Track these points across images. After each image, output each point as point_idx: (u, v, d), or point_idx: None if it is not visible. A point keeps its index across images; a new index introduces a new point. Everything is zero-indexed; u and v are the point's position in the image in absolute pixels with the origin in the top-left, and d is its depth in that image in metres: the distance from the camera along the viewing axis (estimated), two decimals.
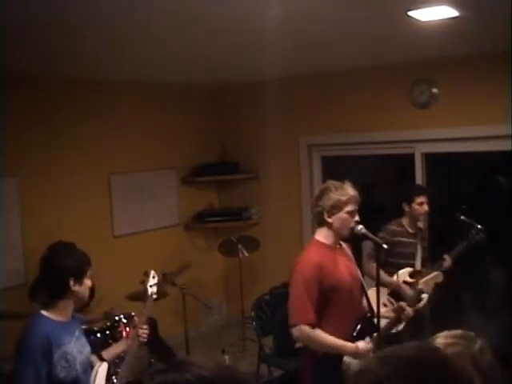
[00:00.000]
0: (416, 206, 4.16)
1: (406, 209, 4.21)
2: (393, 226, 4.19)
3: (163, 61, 4.52)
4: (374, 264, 3.51)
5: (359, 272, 3.09)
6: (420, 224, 4.28)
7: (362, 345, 2.84)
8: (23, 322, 2.87)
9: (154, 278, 3.21)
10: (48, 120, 4.89)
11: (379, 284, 2.94)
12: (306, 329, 2.80)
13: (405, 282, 4.02)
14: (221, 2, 2.81)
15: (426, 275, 4.06)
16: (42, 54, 3.96)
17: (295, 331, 2.83)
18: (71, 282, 2.59)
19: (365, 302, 3.06)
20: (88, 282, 2.69)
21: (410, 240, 4.18)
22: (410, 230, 4.20)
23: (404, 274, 4.04)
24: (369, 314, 3.03)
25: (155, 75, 5.27)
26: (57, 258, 2.65)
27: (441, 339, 1.27)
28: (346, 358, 2.84)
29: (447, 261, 4.09)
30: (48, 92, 4.89)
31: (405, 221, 4.23)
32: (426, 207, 4.17)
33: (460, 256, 4.11)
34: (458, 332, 1.29)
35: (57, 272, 2.61)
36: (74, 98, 5.08)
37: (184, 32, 3.47)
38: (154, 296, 3.15)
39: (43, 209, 4.83)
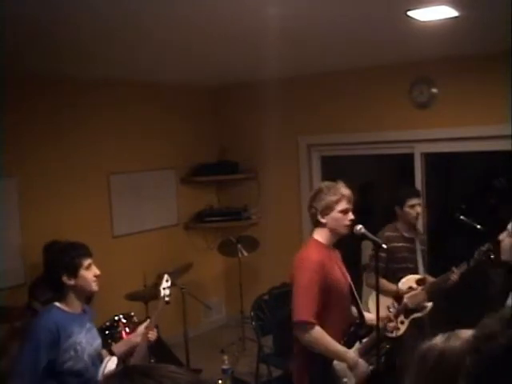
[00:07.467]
0: (408, 209, 4.02)
1: (399, 212, 4.07)
2: (387, 232, 4.03)
3: (163, 61, 4.51)
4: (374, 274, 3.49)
5: (349, 277, 3.08)
6: (416, 227, 4.16)
7: (362, 363, 2.82)
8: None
9: (167, 281, 3.23)
10: (48, 120, 4.89)
11: (379, 285, 2.93)
12: (317, 331, 2.76)
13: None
14: (221, 2, 2.82)
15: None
16: (43, 54, 3.96)
17: (306, 330, 2.76)
18: (64, 278, 2.65)
19: (354, 308, 3.06)
20: (85, 273, 2.69)
21: (407, 244, 4.04)
22: (406, 235, 4.06)
23: (410, 280, 3.91)
24: (358, 320, 3.01)
25: (155, 75, 5.27)
26: (50, 255, 2.77)
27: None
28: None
29: (455, 273, 3.84)
30: (48, 92, 4.88)
31: (399, 225, 4.09)
32: (418, 209, 4.04)
33: (466, 272, 3.86)
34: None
35: (50, 270, 2.71)
36: (74, 97, 5.07)
37: (184, 32, 3.47)
38: (167, 299, 3.15)
39: (42, 209, 4.83)
